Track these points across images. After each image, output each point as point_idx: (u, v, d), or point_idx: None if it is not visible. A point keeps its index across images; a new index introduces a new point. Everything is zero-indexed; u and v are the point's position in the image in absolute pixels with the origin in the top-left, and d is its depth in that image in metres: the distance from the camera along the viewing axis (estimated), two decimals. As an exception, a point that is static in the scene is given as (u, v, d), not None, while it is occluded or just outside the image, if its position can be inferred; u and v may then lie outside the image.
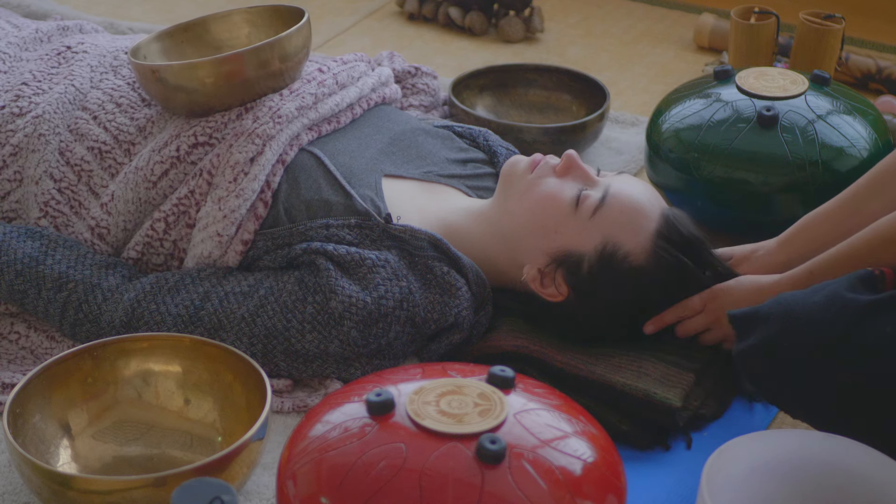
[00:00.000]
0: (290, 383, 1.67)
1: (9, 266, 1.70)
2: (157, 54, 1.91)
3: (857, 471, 1.37)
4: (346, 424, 1.25)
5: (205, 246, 1.70)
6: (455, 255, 1.69)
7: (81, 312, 1.68)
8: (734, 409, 1.67)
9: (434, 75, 2.24)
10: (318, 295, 1.64)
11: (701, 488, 1.28)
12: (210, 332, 1.65)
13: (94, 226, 1.77)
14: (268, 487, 1.52)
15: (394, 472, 1.19)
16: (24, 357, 1.73)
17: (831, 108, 1.94)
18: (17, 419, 1.46)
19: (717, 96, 1.99)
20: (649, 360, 1.67)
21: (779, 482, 1.39)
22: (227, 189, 1.70)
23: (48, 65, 1.93)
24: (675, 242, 1.66)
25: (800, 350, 1.45)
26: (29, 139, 1.80)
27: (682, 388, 1.63)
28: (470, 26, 2.69)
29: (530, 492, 1.19)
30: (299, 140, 1.78)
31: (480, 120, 2.15)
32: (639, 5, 2.89)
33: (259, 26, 1.96)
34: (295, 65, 1.82)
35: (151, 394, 1.58)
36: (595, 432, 1.28)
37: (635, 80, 2.56)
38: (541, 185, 1.70)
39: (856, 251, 1.57)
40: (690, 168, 1.94)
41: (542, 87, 2.34)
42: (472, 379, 1.29)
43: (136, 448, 1.55)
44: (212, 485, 1.16)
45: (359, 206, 1.71)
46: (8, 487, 1.52)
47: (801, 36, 2.25)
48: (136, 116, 1.83)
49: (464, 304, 1.67)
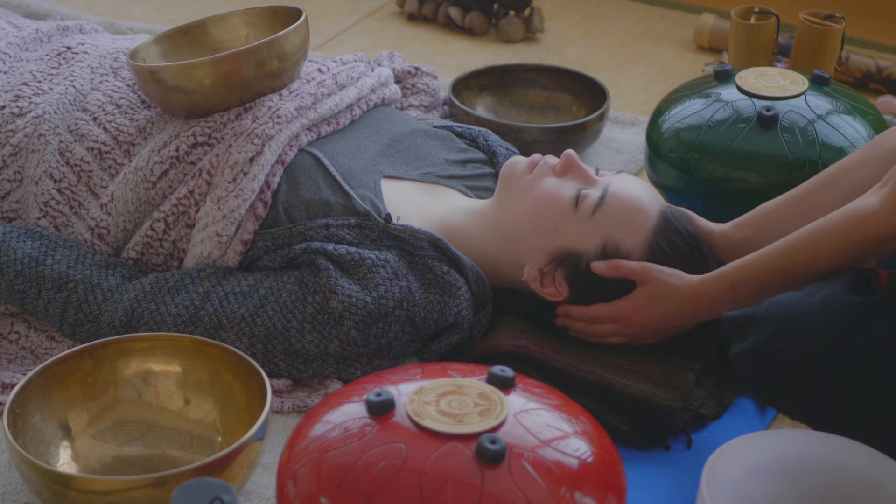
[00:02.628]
0: (290, 383, 1.67)
1: (9, 266, 1.70)
2: (155, 57, 1.91)
3: (857, 471, 1.37)
4: (346, 424, 1.25)
5: (204, 246, 1.70)
6: (455, 255, 1.69)
7: (81, 312, 1.68)
8: (734, 409, 1.67)
9: (434, 75, 2.24)
10: (318, 295, 1.64)
11: (701, 488, 1.28)
12: (210, 332, 1.65)
13: (93, 226, 1.77)
14: (268, 487, 1.52)
15: (394, 472, 1.19)
16: (24, 357, 1.73)
17: (831, 108, 1.94)
18: (17, 419, 1.46)
19: (717, 96, 1.99)
20: (649, 360, 1.67)
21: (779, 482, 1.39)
22: (227, 189, 1.70)
23: (48, 65, 1.93)
24: (674, 241, 1.66)
25: (797, 351, 1.45)
26: (29, 139, 1.80)
27: (682, 388, 1.63)
28: (470, 26, 2.69)
29: (530, 492, 1.19)
30: (298, 140, 1.78)
31: (480, 120, 2.15)
32: (639, 5, 2.89)
33: (258, 28, 1.96)
34: (293, 64, 1.82)
35: (151, 394, 1.58)
36: (595, 432, 1.28)
37: (635, 80, 2.56)
38: (540, 184, 1.70)
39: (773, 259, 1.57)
40: (690, 168, 1.94)
41: (542, 87, 2.34)
42: (472, 379, 1.29)
43: (136, 448, 1.55)
44: (212, 485, 1.16)
45: (358, 206, 1.71)
46: (8, 487, 1.52)
47: (801, 36, 2.25)
48: (135, 118, 1.83)
49: (464, 304, 1.67)
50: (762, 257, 1.58)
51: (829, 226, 1.52)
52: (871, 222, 1.48)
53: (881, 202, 1.46)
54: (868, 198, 1.49)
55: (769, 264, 1.57)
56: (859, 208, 1.49)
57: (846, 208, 1.51)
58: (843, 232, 1.50)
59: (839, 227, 1.51)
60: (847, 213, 1.50)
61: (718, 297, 1.61)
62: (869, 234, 1.48)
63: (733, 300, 1.60)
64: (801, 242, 1.54)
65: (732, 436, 1.41)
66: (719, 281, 1.61)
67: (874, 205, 1.47)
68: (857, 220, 1.49)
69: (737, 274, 1.60)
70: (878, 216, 1.47)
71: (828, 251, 1.52)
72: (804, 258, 1.54)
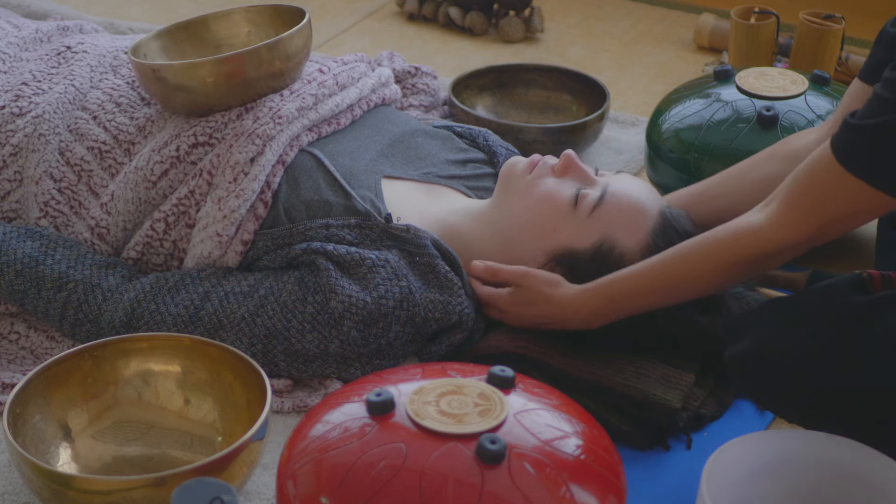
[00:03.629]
0: (290, 383, 1.67)
1: (9, 266, 1.70)
2: (156, 52, 1.91)
3: (857, 471, 1.37)
4: (346, 424, 1.25)
5: (205, 246, 1.70)
6: (452, 258, 1.69)
7: (81, 312, 1.68)
8: (734, 409, 1.67)
9: (434, 75, 2.24)
10: (318, 295, 1.64)
11: (701, 488, 1.29)
12: (210, 332, 1.65)
13: (94, 226, 1.77)
14: (268, 487, 1.52)
15: (394, 472, 1.19)
16: (24, 357, 1.73)
17: (831, 108, 1.94)
18: (17, 419, 1.46)
19: (717, 96, 1.99)
20: (649, 361, 1.67)
21: (779, 482, 1.39)
22: (227, 189, 1.70)
23: (48, 65, 1.93)
24: (674, 241, 1.66)
25: (791, 354, 1.45)
26: (29, 139, 1.81)
27: (682, 388, 1.63)
28: (470, 26, 2.69)
29: (530, 492, 1.19)
30: (299, 141, 1.78)
31: (480, 120, 2.15)
32: (639, 5, 2.89)
33: (259, 25, 1.96)
34: (295, 65, 1.82)
35: (151, 394, 1.58)
36: (595, 432, 1.28)
37: (635, 80, 2.56)
38: (539, 185, 1.70)
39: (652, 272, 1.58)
40: (690, 168, 1.94)
41: (542, 87, 2.34)
42: (472, 379, 1.29)
43: (136, 448, 1.55)
44: (212, 485, 1.16)
45: (359, 206, 1.71)
46: (8, 487, 1.52)
47: (801, 36, 2.25)
48: (135, 116, 1.83)
49: (466, 302, 1.67)
50: (642, 271, 1.59)
51: (712, 240, 1.54)
52: (756, 239, 1.49)
53: (766, 219, 1.49)
54: (753, 214, 1.51)
55: (649, 278, 1.58)
56: (744, 224, 1.51)
57: (731, 224, 1.53)
58: (727, 247, 1.52)
59: (723, 242, 1.52)
60: (731, 228, 1.52)
61: (597, 310, 1.62)
62: (753, 250, 1.50)
63: (612, 312, 1.62)
64: (683, 256, 1.56)
65: (732, 436, 1.41)
66: (598, 295, 1.62)
67: (759, 221, 1.49)
68: (742, 236, 1.51)
69: (615, 287, 1.61)
70: (762, 233, 1.49)
71: (711, 266, 1.53)
72: (686, 272, 1.55)
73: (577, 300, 1.63)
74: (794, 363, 1.45)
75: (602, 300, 1.62)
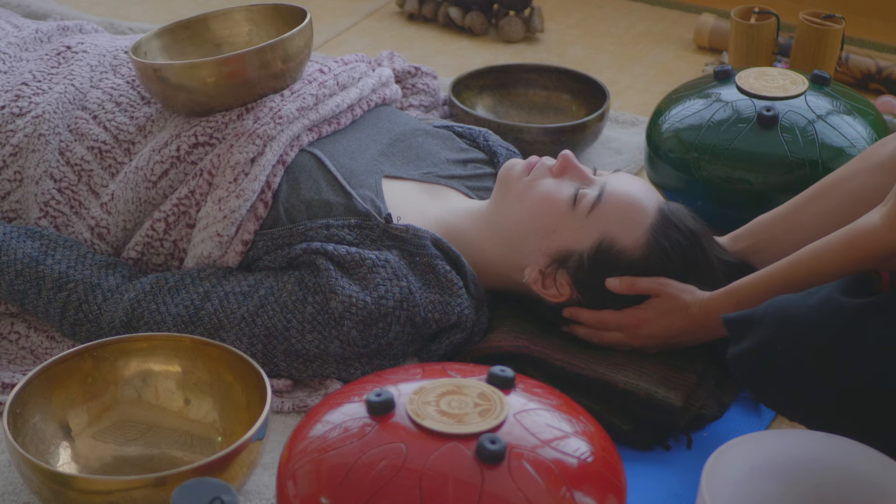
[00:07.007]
0: (290, 383, 1.67)
1: (9, 266, 1.70)
2: (157, 51, 1.91)
3: (857, 471, 1.37)
4: (346, 424, 1.25)
5: (205, 246, 1.70)
6: (455, 255, 1.69)
7: (81, 312, 1.68)
8: (734, 409, 1.67)
9: (434, 75, 2.24)
10: (318, 295, 1.64)
11: (701, 488, 1.28)
12: (210, 332, 1.65)
13: (94, 225, 1.77)
14: (268, 487, 1.52)
15: (394, 472, 1.19)
16: (24, 357, 1.73)
17: (831, 109, 1.94)
18: (17, 419, 1.46)
19: (717, 96, 1.99)
20: (651, 360, 1.67)
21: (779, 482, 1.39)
22: (228, 189, 1.70)
23: (48, 65, 1.93)
24: (674, 237, 1.66)
25: (795, 353, 1.45)
26: (29, 139, 1.81)
27: (684, 388, 1.63)
28: (470, 26, 2.69)
29: (530, 492, 1.19)
30: (300, 141, 1.78)
31: (480, 120, 2.15)
32: (639, 5, 2.89)
33: (260, 24, 1.96)
34: (296, 65, 1.82)
35: (151, 394, 1.58)
36: (595, 432, 1.28)
37: (635, 80, 2.56)
38: (538, 186, 1.70)
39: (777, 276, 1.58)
40: (690, 168, 1.94)
41: (542, 87, 2.34)
42: (472, 379, 1.29)
43: (136, 448, 1.55)
44: (212, 485, 1.16)
45: (359, 206, 1.71)
46: (8, 487, 1.52)
47: (801, 36, 2.25)
48: (135, 115, 1.83)
49: (466, 303, 1.67)
50: (767, 274, 1.60)
51: (832, 243, 1.54)
52: (873, 239, 1.49)
53: (882, 219, 1.48)
54: (870, 216, 1.51)
55: (773, 281, 1.58)
56: (861, 226, 1.51)
57: (849, 227, 1.53)
58: (845, 249, 1.52)
59: (841, 245, 1.52)
60: (849, 231, 1.52)
61: (724, 312, 1.61)
62: (870, 251, 1.50)
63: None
64: (805, 260, 1.56)
65: (732, 436, 1.41)
66: (726, 297, 1.62)
67: (875, 222, 1.49)
68: (859, 238, 1.51)
69: (742, 291, 1.61)
70: (879, 234, 1.48)
71: (830, 268, 1.53)
72: (807, 274, 1.55)
73: (709, 303, 1.63)
74: (796, 362, 1.45)
75: (730, 302, 1.62)
